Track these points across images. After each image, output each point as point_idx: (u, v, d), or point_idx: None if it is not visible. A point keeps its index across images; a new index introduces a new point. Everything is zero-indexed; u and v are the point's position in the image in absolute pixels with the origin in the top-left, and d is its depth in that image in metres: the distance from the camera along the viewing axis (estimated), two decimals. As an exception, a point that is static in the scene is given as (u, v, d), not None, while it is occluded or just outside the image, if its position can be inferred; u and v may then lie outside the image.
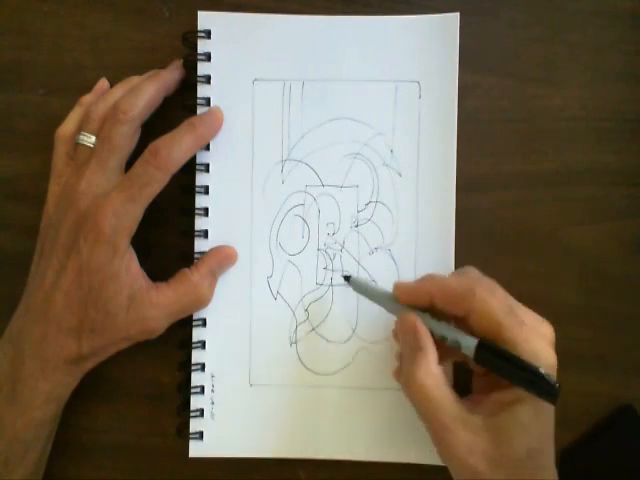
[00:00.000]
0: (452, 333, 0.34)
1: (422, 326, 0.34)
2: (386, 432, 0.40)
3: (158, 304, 0.37)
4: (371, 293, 0.38)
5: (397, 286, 0.36)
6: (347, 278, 0.39)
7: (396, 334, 0.37)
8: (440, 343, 0.34)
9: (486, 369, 0.34)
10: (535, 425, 0.32)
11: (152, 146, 0.37)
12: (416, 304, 0.35)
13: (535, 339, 0.33)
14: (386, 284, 0.40)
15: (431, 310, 0.35)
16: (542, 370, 0.31)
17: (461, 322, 0.34)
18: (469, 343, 0.33)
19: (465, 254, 0.40)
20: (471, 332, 0.34)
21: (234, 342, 0.40)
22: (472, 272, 0.36)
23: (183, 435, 0.40)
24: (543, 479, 0.33)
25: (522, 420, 0.32)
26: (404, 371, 0.35)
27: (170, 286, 0.38)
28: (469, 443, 0.32)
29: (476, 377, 0.37)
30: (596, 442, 0.40)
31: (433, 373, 0.33)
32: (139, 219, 0.37)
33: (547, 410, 0.33)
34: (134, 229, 0.37)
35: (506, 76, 0.41)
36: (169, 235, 0.41)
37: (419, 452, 0.40)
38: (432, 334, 0.34)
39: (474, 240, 0.41)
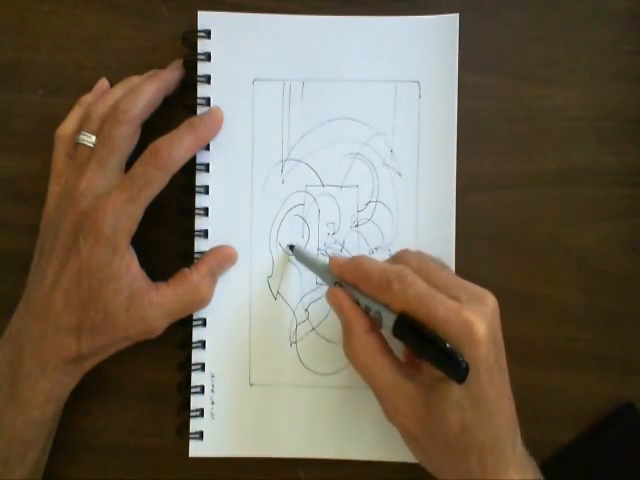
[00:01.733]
0: (375, 306, 0.34)
1: (346, 299, 0.35)
2: (386, 432, 0.40)
3: (158, 304, 0.37)
4: (310, 262, 0.39)
5: (331, 261, 0.36)
6: (291, 247, 0.40)
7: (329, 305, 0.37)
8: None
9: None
10: (466, 400, 0.32)
11: (152, 146, 0.37)
12: (347, 282, 0.36)
13: (458, 314, 0.31)
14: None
15: None
16: (449, 347, 0.30)
17: None
18: (388, 319, 0.33)
19: (465, 254, 0.40)
20: None
21: (234, 342, 0.40)
22: (402, 270, 0.33)
23: (183, 435, 0.40)
24: (486, 451, 0.32)
25: (451, 396, 0.32)
26: (342, 344, 0.36)
27: (170, 286, 0.38)
28: (405, 410, 0.33)
29: None
30: (597, 440, 0.40)
31: (361, 344, 0.34)
32: (139, 219, 0.37)
33: (481, 383, 0.32)
34: (134, 229, 0.37)
35: (506, 76, 0.41)
36: (169, 235, 0.41)
37: (419, 452, 0.40)
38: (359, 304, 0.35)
39: (474, 240, 0.41)
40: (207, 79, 0.40)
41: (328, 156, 0.40)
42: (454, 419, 0.32)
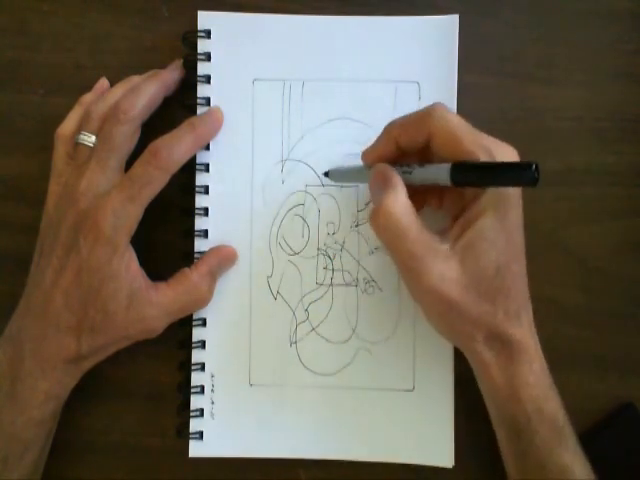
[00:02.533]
0: (424, 170, 0.34)
1: (389, 168, 0.35)
2: (386, 432, 0.40)
3: (158, 304, 0.37)
4: (349, 174, 0.39)
5: (363, 152, 0.37)
6: (326, 174, 0.40)
7: (371, 187, 0.36)
8: (412, 193, 0.34)
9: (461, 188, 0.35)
10: (501, 239, 0.33)
11: (152, 146, 0.37)
12: (386, 161, 0.36)
13: (500, 148, 0.33)
14: (386, 284, 0.40)
15: (401, 163, 0.35)
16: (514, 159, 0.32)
17: (427, 158, 0.35)
18: (443, 169, 0.33)
19: (465, 254, 0.40)
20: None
21: (234, 342, 0.40)
22: (436, 104, 0.35)
23: (183, 435, 0.40)
24: (511, 297, 0.34)
25: (486, 234, 0.33)
26: (373, 207, 0.34)
27: (170, 286, 0.38)
28: (440, 271, 0.33)
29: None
30: (597, 440, 0.40)
31: (402, 201, 0.33)
32: (139, 219, 0.37)
33: (511, 221, 0.33)
34: (134, 229, 0.37)
35: (506, 76, 0.41)
36: (169, 235, 0.41)
37: (419, 452, 0.40)
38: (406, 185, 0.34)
39: (474, 240, 0.41)
40: (207, 79, 0.40)
41: (328, 156, 0.40)
42: (489, 260, 0.33)
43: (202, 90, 0.40)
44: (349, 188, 0.40)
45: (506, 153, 0.34)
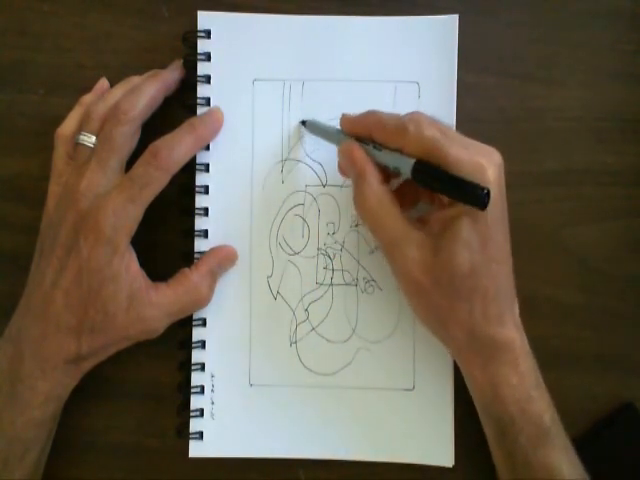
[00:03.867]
0: (391, 158, 0.34)
1: (359, 151, 0.35)
2: (386, 432, 0.40)
3: (157, 304, 0.37)
4: (323, 131, 0.39)
5: (343, 117, 0.37)
6: (304, 122, 0.40)
7: (340, 166, 0.38)
8: (384, 169, 0.35)
9: (424, 188, 0.35)
10: (475, 239, 0.33)
11: (152, 146, 0.37)
12: (360, 136, 0.36)
13: (471, 157, 0.33)
14: (386, 284, 0.40)
15: (374, 142, 0.36)
16: (465, 177, 0.31)
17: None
18: (406, 164, 0.33)
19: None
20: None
21: (234, 342, 0.40)
22: (416, 116, 0.34)
23: (183, 435, 0.40)
24: (490, 297, 0.33)
25: (461, 234, 0.33)
26: (354, 197, 0.36)
27: (170, 286, 0.38)
28: (413, 256, 0.34)
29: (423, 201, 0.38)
30: (597, 440, 0.40)
31: (375, 193, 0.35)
32: (139, 219, 0.37)
33: (490, 221, 0.33)
34: (134, 229, 0.37)
35: (506, 76, 0.41)
36: (169, 235, 0.41)
37: (419, 452, 0.40)
38: (375, 163, 0.35)
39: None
40: (207, 79, 0.40)
41: (328, 156, 0.40)
42: (463, 259, 0.33)
43: (202, 90, 0.40)
44: (349, 188, 0.40)
45: (482, 160, 0.33)
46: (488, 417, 0.36)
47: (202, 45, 0.40)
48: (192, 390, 0.40)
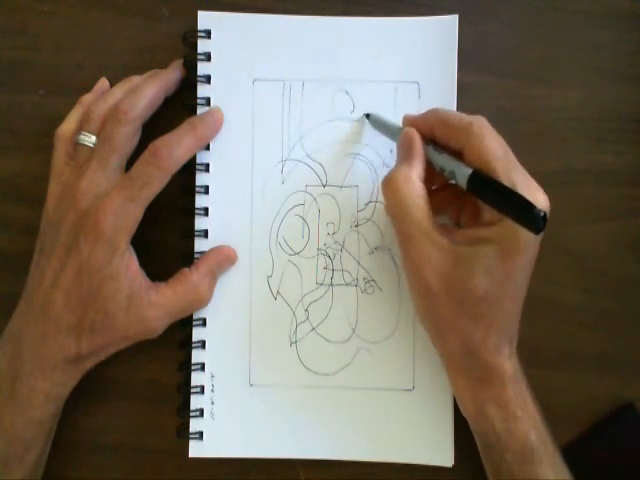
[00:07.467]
0: (450, 162, 0.34)
1: (419, 140, 0.35)
2: (386, 432, 0.40)
3: (157, 304, 0.37)
4: (385, 126, 0.39)
5: (405, 116, 0.37)
6: (367, 115, 0.40)
7: (397, 147, 0.37)
8: (436, 173, 0.35)
9: (475, 200, 0.34)
10: (498, 271, 0.32)
11: (152, 146, 0.37)
12: (423, 134, 0.35)
13: (527, 182, 0.32)
14: (386, 284, 0.40)
15: (435, 143, 0.35)
16: (527, 199, 0.30)
17: (459, 157, 0.34)
18: (464, 172, 0.33)
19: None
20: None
21: (234, 342, 0.40)
22: (480, 118, 0.34)
23: (183, 435, 0.40)
24: (495, 327, 0.33)
25: (487, 260, 0.32)
26: (389, 174, 0.35)
27: (169, 286, 0.38)
28: (430, 257, 0.33)
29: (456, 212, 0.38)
30: (597, 440, 0.40)
31: (412, 180, 0.34)
32: (139, 219, 0.37)
33: (517, 263, 0.32)
34: (134, 229, 0.37)
35: (506, 76, 0.41)
36: (169, 235, 0.41)
37: (419, 452, 0.40)
38: (432, 165, 0.35)
39: (474, 240, 0.41)
40: (207, 79, 0.40)
41: (328, 156, 0.40)
42: (480, 284, 0.32)
43: (202, 90, 0.40)
44: (349, 188, 0.40)
45: (532, 195, 0.32)
46: (475, 430, 0.37)
47: (202, 45, 0.40)
48: (192, 390, 0.40)
